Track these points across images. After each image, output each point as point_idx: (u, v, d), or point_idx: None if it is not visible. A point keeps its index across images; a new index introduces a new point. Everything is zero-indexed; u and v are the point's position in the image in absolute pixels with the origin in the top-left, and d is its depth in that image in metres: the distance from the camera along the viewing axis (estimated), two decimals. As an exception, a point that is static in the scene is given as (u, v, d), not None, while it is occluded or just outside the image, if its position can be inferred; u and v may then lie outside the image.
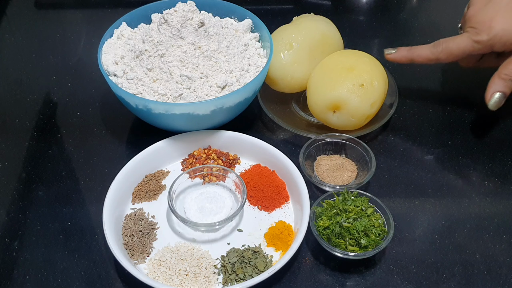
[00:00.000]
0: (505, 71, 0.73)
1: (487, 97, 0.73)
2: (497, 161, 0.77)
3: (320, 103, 0.75)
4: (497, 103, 0.73)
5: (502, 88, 0.73)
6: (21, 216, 0.70)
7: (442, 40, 0.76)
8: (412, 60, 0.78)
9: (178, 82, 0.73)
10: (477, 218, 0.70)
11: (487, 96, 0.73)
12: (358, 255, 0.63)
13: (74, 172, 0.76)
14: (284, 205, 0.71)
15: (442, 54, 0.75)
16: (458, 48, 0.74)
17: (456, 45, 0.74)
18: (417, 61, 0.78)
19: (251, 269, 0.63)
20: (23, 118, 0.83)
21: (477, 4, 0.75)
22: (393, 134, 0.80)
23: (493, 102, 0.73)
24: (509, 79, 0.72)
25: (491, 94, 0.73)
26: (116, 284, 0.64)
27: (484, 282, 0.64)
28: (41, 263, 0.66)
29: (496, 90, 0.73)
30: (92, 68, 0.87)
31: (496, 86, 0.73)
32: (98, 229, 0.68)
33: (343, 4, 1.05)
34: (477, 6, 0.74)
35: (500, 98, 0.73)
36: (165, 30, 0.74)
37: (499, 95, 0.73)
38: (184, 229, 0.69)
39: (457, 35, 0.76)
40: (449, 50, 0.75)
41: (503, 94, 0.73)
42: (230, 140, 0.76)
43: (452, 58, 0.76)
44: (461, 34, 0.75)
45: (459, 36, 0.75)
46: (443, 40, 0.76)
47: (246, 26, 0.82)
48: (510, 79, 0.72)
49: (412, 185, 0.74)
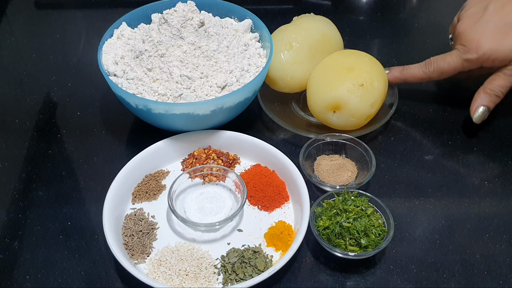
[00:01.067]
0: (490, 87, 0.76)
1: (472, 110, 0.77)
2: (497, 161, 0.77)
3: (320, 103, 0.75)
4: (481, 117, 0.76)
5: (487, 102, 0.76)
6: (21, 216, 0.70)
7: (433, 58, 0.78)
8: (405, 80, 0.81)
9: (178, 82, 0.73)
10: (477, 218, 0.70)
11: (472, 110, 0.77)
12: (358, 255, 0.63)
13: (74, 172, 0.76)
14: (284, 205, 0.71)
15: (434, 73, 0.78)
16: (449, 67, 0.77)
17: (447, 64, 0.77)
18: (410, 81, 0.81)
19: (251, 269, 0.63)
20: (23, 118, 0.83)
21: (467, 21, 0.77)
22: (393, 134, 0.80)
23: (477, 116, 0.76)
24: (494, 94, 0.76)
25: (475, 108, 0.76)
26: (116, 284, 0.64)
27: (484, 282, 0.64)
28: (41, 263, 0.66)
29: (480, 104, 0.76)
30: (92, 68, 0.87)
31: (480, 101, 0.76)
32: (98, 229, 0.68)
33: (343, 4, 1.05)
34: (466, 23, 0.76)
35: (484, 112, 0.76)
36: (165, 30, 0.74)
37: (483, 109, 0.76)
38: (184, 229, 0.69)
39: (447, 52, 0.78)
40: (440, 69, 0.78)
41: (487, 108, 0.76)
42: (230, 140, 0.76)
43: (444, 76, 0.79)
44: (451, 52, 0.78)
45: (449, 55, 0.77)
46: (434, 58, 0.78)
47: (246, 26, 0.82)
48: (494, 94, 0.76)
49: (412, 185, 0.74)
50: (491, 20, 0.74)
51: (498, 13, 0.75)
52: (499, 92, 0.76)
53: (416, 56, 0.93)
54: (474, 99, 0.77)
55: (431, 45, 0.96)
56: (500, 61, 0.74)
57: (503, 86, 0.75)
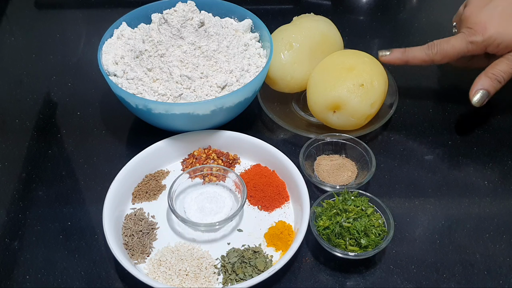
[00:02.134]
0: (492, 71, 0.75)
1: (471, 93, 0.76)
2: (497, 161, 0.77)
3: (320, 103, 0.75)
4: (480, 100, 0.75)
5: (487, 86, 0.75)
6: (21, 216, 0.70)
7: (436, 41, 0.77)
8: (407, 62, 0.79)
9: (178, 82, 0.73)
10: (477, 218, 0.70)
11: (471, 93, 0.76)
12: (358, 255, 0.63)
13: (74, 172, 0.76)
14: (284, 205, 0.71)
15: (437, 55, 0.77)
16: (453, 49, 0.76)
17: (451, 46, 0.76)
18: (412, 63, 0.79)
19: (251, 269, 0.63)
20: (23, 118, 0.83)
21: (474, 5, 0.76)
22: (393, 134, 0.80)
23: (476, 99, 0.75)
24: (495, 78, 0.75)
25: (475, 91, 0.75)
26: (116, 284, 0.64)
27: (484, 282, 0.64)
28: (41, 263, 0.66)
29: (481, 88, 0.75)
30: (92, 68, 0.87)
31: (481, 84, 0.75)
32: (98, 229, 0.68)
33: (343, 4, 1.05)
34: (474, 7, 0.76)
35: (483, 96, 0.75)
36: (165, 30, 0.74)
37: (483, 92, 0.75)
38: (184, 229, 0.69)
39: (452, 36, 0.77)
40: (444, 51, 0.76)
41: (487, 92, 0.75)
42: (230, 140, 0.76)
43: (447, 59, 0.78)
44: (455, 35, 0.77)
45: (454, 38, 0.76)
46: (437, 41, 0.77)
47: (246, 26, 0.82)
48: (496, 78, 0.75)
49: (412, 185, 0.74)
50: (500, 5, 0.74)
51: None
52: (500, 77, 0.75)
53: (416, 56, 0.93)
54: (474, 82, 0.76)
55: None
56: (505, 46, 0.74)
57: (505, 71, 0.75)
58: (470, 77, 0.86)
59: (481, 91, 0.75)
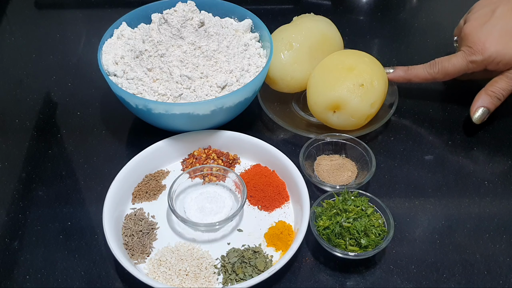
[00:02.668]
0: (492, 89, 0.77)
1: (472, 111, 0.77)
2: (497, 161, 0.77)
3: (320, 103, 0.75)
4: (480, 118, 0.77)
5: (487, 104, 0.77)
6: (21, 216, 0.70)
7: (437, 60, 0.79)
8: (410, 80, 0.81)
9: (178, 82, 0.73)
10: (477, 218, 0.70)
11: (472, 110, 0.77)
12: (358, 255, 0.63)
13: (74, 172, 0.76)
14: (284, 205, 0.71)
15: (439, 74, 0.78)
16: (454, 68, 0.77)
17: (452, 66, 0.77)
18: (414, 81, 0.81)
19: (251, 269, 0.63)
20: (23, 118, 0.83)
21: (474, 23, 0.77)
22: (393, 134, 0.80)
23: (477, 117, 0.77)
24: (495, 96, 0.76)
25: (476, 109, 0.77)
26: (116, 284, 0.64)
27: (484, 282, 0.64)
28: (41, 263, 0.66)
29: (481, 105, 0.77)
30: (92, 68, 0.87)
31: (481, 102, 0.77)
32: (98, 229, 0.68)
33: (343, 4, 1.05)
34: (473, 25, 0.77)
35: (484, 113, 0.77)
36: (165, 30, 0.74)
37: (483, 110, 0.77)
38: (184, 229, 0.69)
39: (452, 54, 0.78)
40: (445, 70, 0.78)
41: (487, 110, 0.77)
42: (230, 140, 0.76)
43: (448, 78, 0.79)
44: (456, 54, 0.78)
45: (454, 56, 0.78)
46: (439, 60, 0.79)
47: (246, 26, 0.82)
48: (496, 96, 0.76)
49: (412, 185, 0.74)
50: (499, 23, 0.75)
51: (506, 16, 0.75)
52: (500, 95, 0.76)
53: (416, 56, 0.93)
54: (475, 100, 0.77)
55: (431, 45, 0.96)
56: (505, 64, 0.75)
57: (504, 89, 0.76)
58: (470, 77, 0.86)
59: (482, 108, 0.76)
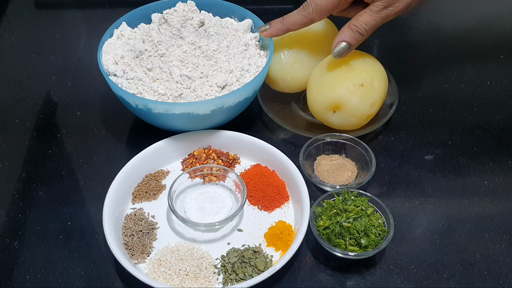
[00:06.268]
0: (354, 22, 0.73)
1: (333, 45, 0.74)
2: (497, 161, 0.77)
3: (320, 103, 0.75)
4: (340, 52, 0.74)
5: (348, 38, 0.73)
6: (21, 216, 0.70)
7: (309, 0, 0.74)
8: (288, 29, 0.77)
9: (178, 82, 0.73)
10: (477, 218, 0.70)
11: (333, 45, 0.74)
12: (358, 255, 0.63)
13: (74, 172, 0.76)
14: (284, 205, 0.71)
15: (315, 14, 0.74)
16: (327, 2, 0.73)
17: (325, 1, 0.73)
18: (293, 29, 0.77)
19: (251, 269, 0.63)
20: (23, 118, 0.83)
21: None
22: (393, 134, 0.80)
23: (336, 51, 0.73)
24: (357, 30, 0.73)
25: (336, 43, 0.74)
26: (116, 284, 0.64)
27: (484, 282, 0.64)
28: (41, 263, 0.66)
29: (342, 40, 0.73)
30: (92, 68, 0.87)
31: (343, 36, 0.73)
32: (98, 229, 0.68)
33: (343, 4, 1.04)
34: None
35: (344, 48, 0.73)
36: (165, 30, 0.74)
37: (344, 45, 0.73)
38: (184, 229, 0.69)
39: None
40: (319, 7, 0.74)
41: (347, 44, 0.73)
42: (230, 140, 0.76)
43: (325, 14, 0.75)
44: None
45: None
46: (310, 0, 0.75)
47: (246, 26, 0.82)
48: (357, 30, 0.73)
49: (412, 185, 0.74)
50: None
51: None
52: (362, 29, 0.73)
53: (416, 56, 0.93)
54: (337, 34, 0.74)
55: (431, 45, 0.96)
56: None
57: (367, 23, 0.72)
58: (471, 77, 0.87)
59: (343, 43, 0.73)
